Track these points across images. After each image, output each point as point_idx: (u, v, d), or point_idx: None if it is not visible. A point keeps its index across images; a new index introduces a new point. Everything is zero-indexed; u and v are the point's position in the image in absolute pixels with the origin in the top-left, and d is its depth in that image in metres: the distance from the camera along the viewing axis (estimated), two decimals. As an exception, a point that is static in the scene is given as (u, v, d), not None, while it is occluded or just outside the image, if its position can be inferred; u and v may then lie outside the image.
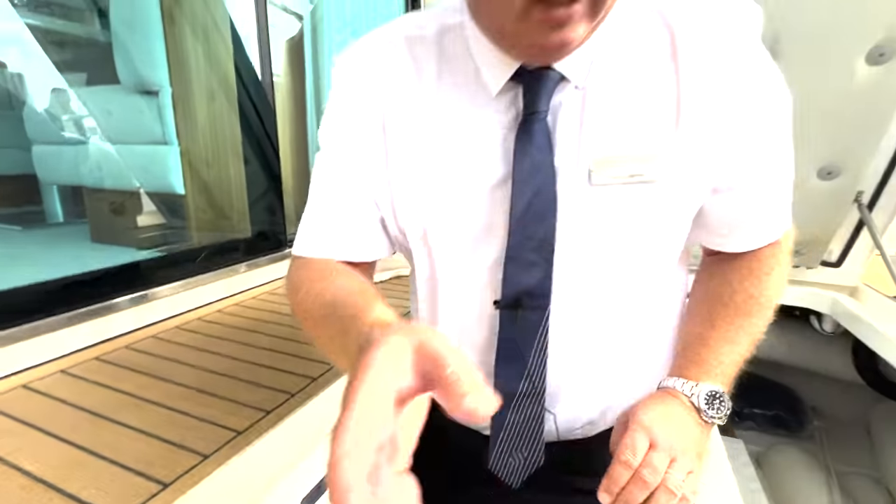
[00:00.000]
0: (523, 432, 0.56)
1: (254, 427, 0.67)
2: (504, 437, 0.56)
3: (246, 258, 1.30)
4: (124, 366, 0.83)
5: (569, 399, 0.55)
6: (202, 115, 1.32)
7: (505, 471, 0.56)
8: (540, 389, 0.54)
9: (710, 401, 0.50)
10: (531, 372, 0.54)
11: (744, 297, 0.55)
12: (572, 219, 0.48)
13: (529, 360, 0.53)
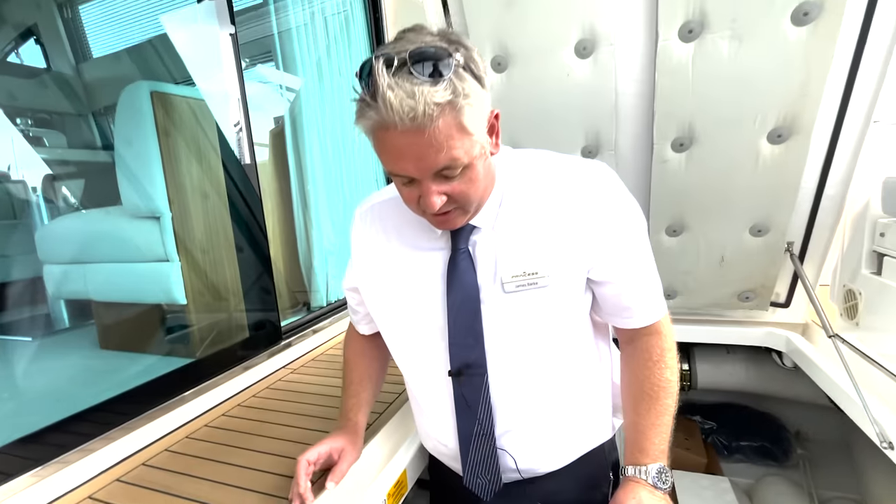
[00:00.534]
0: (483, 462, 0.82)
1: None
2: (469, 466, 0.82)
3: (246, 356, 1.42)
4: (144, 486, 0.93)
5: (518, 438, 0.82)
6: (199, 230, 1.47)
7: (477, 489, 0.84)
8: (489, 432, 0.80)
9: (659, 475, 0.78)
10: (481, 420, 0.80)
11: (652, 386, 0.78)
12: (495, 314, 0.76)
13: (478, 411, 0.80)
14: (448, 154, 0.61)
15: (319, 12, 2.04)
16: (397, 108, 0.56)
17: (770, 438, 2.11)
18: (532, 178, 0.76)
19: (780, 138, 1.27)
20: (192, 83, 1.77)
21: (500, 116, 0.70)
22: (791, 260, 1.50)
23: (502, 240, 0.75)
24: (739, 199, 1.42)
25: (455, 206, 0.69)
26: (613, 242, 0.75)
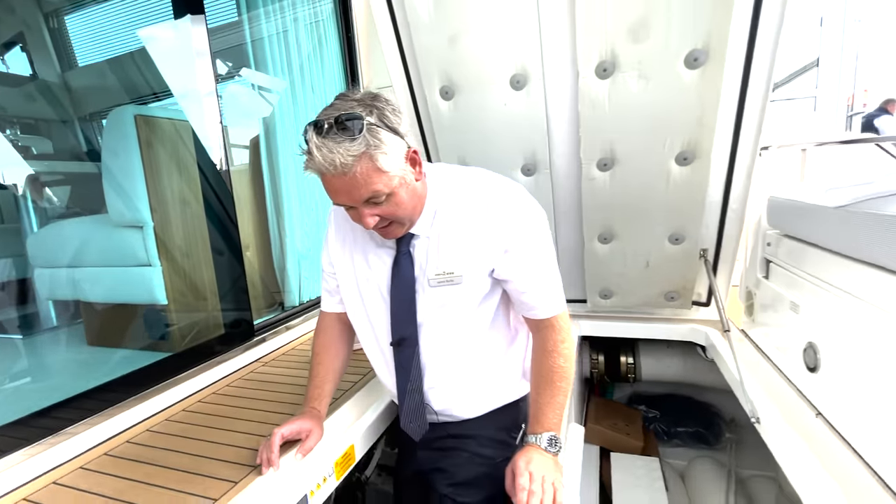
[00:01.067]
0: (414, 411, 1.08)
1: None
2: (404, 414, 1.09)
3: (221, 351, 1.59)
4: (129, 458, 1.10)
5: (441, 394, 1.08)
6: (178, 237, 1.64)
7: (410, 432, 1.11)
8: (419, 388, 1.06)
9: (550, 442, 0.99)
10: (412, 378, 1.05)
11: (547, 371, 0.97)
12: (424, 302, 1.01)
13: (410, 373, 1.05)
14: (369, 189, 0.82)
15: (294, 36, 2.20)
16: (321, 162, 0.77)
17: (704, 424, 2.34)
18: (458, 195, 0.98)
19: (686, 161, 1.48)
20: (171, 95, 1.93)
21: (418, 153, 0.90)
22: (704, 264, 1.72)
23: (432, 245, 0.99)
24: (657, 212, 1.63)
25: (388, 222, 0.91)
26: (512, 249, 0.96)
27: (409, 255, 1.00)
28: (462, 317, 1.02)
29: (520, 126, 1.55)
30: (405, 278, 1.00)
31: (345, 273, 1.10)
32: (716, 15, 1.23)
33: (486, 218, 0.95)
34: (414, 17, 1.44)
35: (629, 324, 2.04)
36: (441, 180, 0.99)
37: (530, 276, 0.98)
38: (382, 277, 1.03)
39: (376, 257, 1.03)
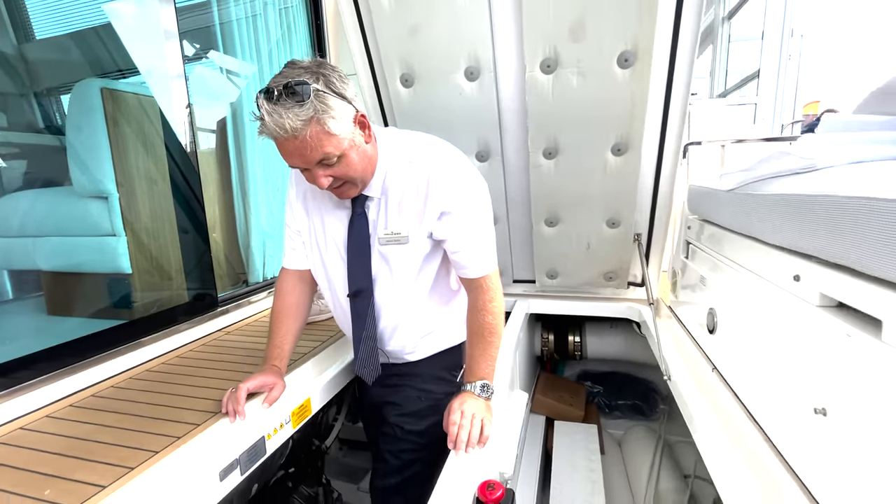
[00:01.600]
0: (368, 357, 1.22)
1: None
2: (359, 358, 1.22)
3: (185, 319, 1.66)
4: (94, 408, 1.17)
5: (390, 340, 1.22)
6: (143, 208, 1.69)
7: (363, 375, 1.24)
8: (373, 335, 1.19)
9: (482, 389, 1.13)
10: (367, 326, 1.18)
11: (479, 327, 1.10)
12: (377, 258, 1.12)
13: (366, 320, 1.18)
14: (320, 151, 0.92)
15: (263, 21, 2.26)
16: (273, 127, 0.86)
17: (641, 398, 2.56)
18: (405, 159, 1.09)
19: (620, 151, 1.65)
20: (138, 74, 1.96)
21: (367, 116, 1.01)
22: (638, 248, 1.90)
23: (383, 206, 1.10)
24: (596, 198, 1.79)
25: (341, 182, 1.01)
26: (448, 213, 1.08)
27: (363, 216, 1.11)
28: (409, 273, 1.14)
29: (474, 114, 1.69)
30: (361, 236, 1.11)
31: (305, 232, 1.21)
32: (642, 21, 1.39)
33: (426, 183, 1.06)
34: (377, 6, 1.55)
35: (574, 302, 2.22)
36: (391, 144, 1.09)
37: (462, 238, 1.10)
38: (339, 236, 1.14)
39: (334, 218, 1.14)
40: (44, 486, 0.87)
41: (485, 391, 1.12)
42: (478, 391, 1.11)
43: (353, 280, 1.15)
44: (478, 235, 1.12)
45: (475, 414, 1.05)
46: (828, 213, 0.75)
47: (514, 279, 2.28)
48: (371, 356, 1.21)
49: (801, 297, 0.85)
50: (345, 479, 2.33)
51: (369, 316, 1.17)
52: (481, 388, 1.12)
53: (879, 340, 0.63)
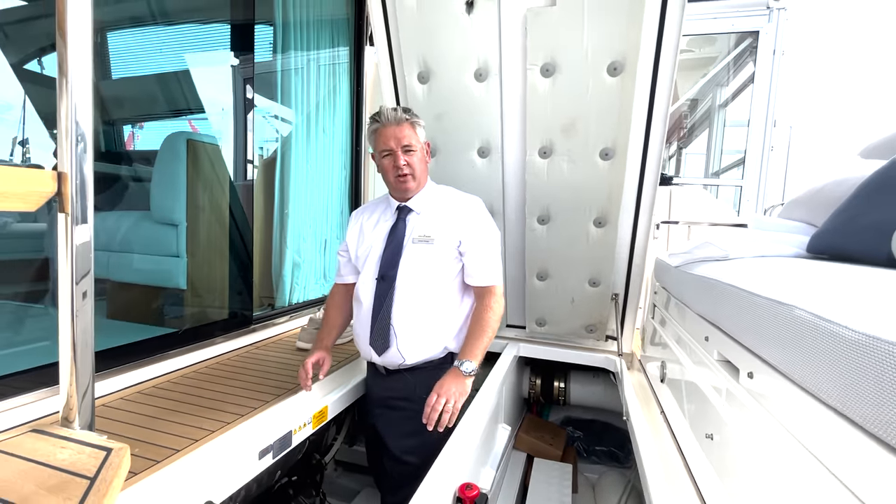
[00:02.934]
0: (380, 332, 1.54)
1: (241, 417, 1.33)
2: (373, 333, 1.55)
3: (225, 331, 1.97)
4: (161, 395, 1.47)
5: (402, 321, 1.52)
6: (203, 236, 2.04)
7: (375, 348, 1.55)
8: (388, 313, 1.53)
9: (467, 366, 1.45)
10: (385, 305, 1.53)
11: (480, 319, 1.50)
12: (407, 252, 1.51)
13: (384, 299, 1.53)
14: (408, 139, 1.43)
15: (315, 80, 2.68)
16: (390, 114, 1.40)
17: (618, 445, 2.76)
18: (443, 193, 1.58)
19: (600, 224, 1.99)
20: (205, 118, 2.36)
21: (430, 145, 1.55)
22: (615, 306, 2.21)
23: (420, 219, 1.55)
24: (580, 260, 2.12)
25: (409, 171, 1.48)
26: (471, 233, 1.51)
27: (403, 222, 1.56)
28: (428, 270, 1.52)
29: (483, 183, 2.05)
30: (397, 235, 1.55)
31: (357, 241, 1.65)
32: (619, 126, 1.77)
33: (456, 208, 1.56)
34: (413, 97, 1.95)
35: (559, 349, 2.49)
36: (436, 185, 1.64)
37: (480, 253, 1.52)
38: (382, 235, 1.58)
39: (382, 225, 1.60)
40: (132, 447, 1.16)
41: (468, 369, 1.43)
42: (463, 368, 1.43)
43: (384, 265, 1.53)
44: (490, 252, 1.53)
45: (449, 396, 1.35)
46: (722, 295, 1.06)
47: (508, 323, 2.57)
48: (383, 332, 1.53)
49: (708, 353, 1.15)
50: (338, 498, 2.53)
51: (388, 297, 1.51)
52: (466, 365, 1.44)
53: (737, 383, 0.93)
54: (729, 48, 5.33)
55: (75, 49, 0.60)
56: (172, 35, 3.11)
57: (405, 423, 1.54)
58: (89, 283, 0.71)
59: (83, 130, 0.64)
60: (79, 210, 0.66)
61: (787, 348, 0.71)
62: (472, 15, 1.77)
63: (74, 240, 0.68)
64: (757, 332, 0.83)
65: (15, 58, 2.70)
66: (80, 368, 0.71)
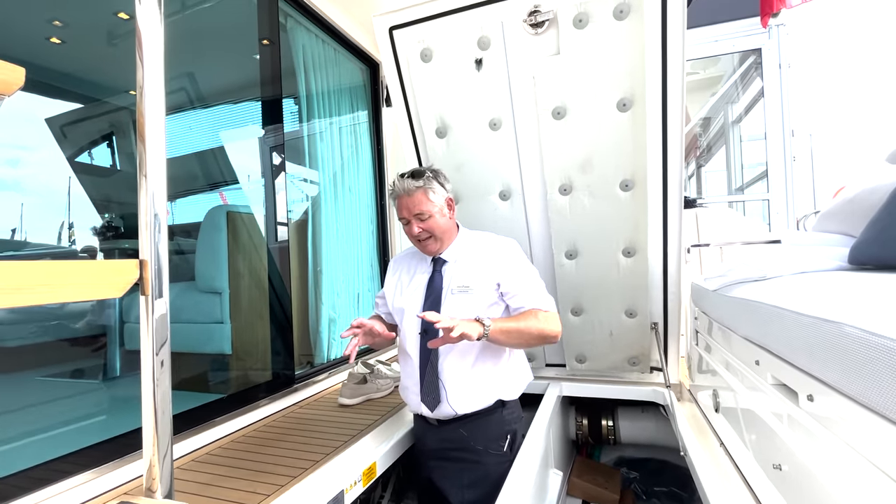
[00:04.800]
0: (430, 387, 1.54)
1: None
2: (424, 388, 1.55)
3: (269, 393, 2.01)
4: (215, 462, 1.50)
5: (454, 385, 1.53)
6: (245, 301, 2.13)
7: (427, 403, 1.55)
8: (435, 366, 1.54)
9: (485, 322, 1.41)
10: (431, 360, 1.54)
11: (525, 317, 1.48)
12: (447, 303, 1.51)
13: (430, 354, 1.54)
14: (419, 207, 1.47)
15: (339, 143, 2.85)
16: (400, 186, 1.45)
17: (680, 485, 2.60)
18: (476, 239, 1.60)
19: (630, 254, 1.99)
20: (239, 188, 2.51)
21: (454, 201, 1.59)
22: (655, 336, 2.15)
23: (456, 269, 1.56)
24: (613, 292, 2.10)
25: (428, 235, 1.52)
26: (509, 272, 1.53)
27: (440, 273, 1.59)
28: (471, 316, 1.47)
29: (506, 225, 2.10)
30: (436, 287, 1.57)
31: (394, 292, 1.69)
32: (636, 156, 1.81)
33: (493, 253, 1.58)
34: (433, 153, 2.06)
35: (603, 385, 2.42)
36: (468, 232, 1.68)
37: (520, 286, 1.53)
38: (421, 287, 1.61)
39: (420, 276, 1.64)
40: (192, 515, 1.18)
41: (487, 323, 1.41)
42: (483, 320, 1.41)
43: (427, 323, 1.47)
44: (532, 284, 1.54)
45: (457, 324, 1.32)
46: (767, 317, 1.05)
47: (547, 363, 2.53)
48: (433, 387, 1.53)
49: (761, 377, 1.11)
50: (388, 558, 2.44)
51: (434, 351, 1.53)
52: (488, 322, 1.42)
53: (798, 407, 0.90)
54: (734, 66, 5.41)
55: (153, 151, 0.69)
56: (208, 116, 3.39)
57: (464, 474, 1.52)
58: (167, 353, 0.78)
59: (160, 222, 0.72)
60: (157, 288, 0.74)
61: (842, 367, 0.69)
62: (481, 72, 1.89)
63: (154, 314, 0.75)
64: (809, 353, 0.82)
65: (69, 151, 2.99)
66: (160, 434, 0.76)
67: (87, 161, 3.25)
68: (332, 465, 1.47)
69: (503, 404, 1.59)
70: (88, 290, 0.64)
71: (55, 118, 2.78)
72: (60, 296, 0.60)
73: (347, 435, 1.71)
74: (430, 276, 1.59)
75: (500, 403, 1.58)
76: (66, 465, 1.29)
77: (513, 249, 1.61)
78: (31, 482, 1.20)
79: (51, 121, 2.75)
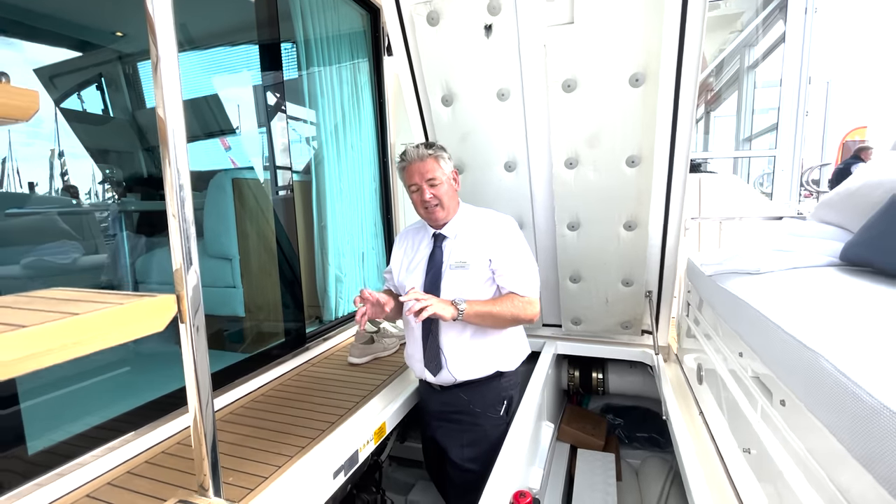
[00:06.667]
0: (432, 355, 1.67)
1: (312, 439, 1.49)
2: (426, 356, 1.68)
3: (282, 353, 2.14)
4: (237, 422, 1.64)
5: (450, 344, 1.65)
6: (255, 266, 2.20)
7: (430, 369, 1.68)
8: (436, 336, 1.66)
9: (458, 303, 1.51)
10: (433, 330, 1.66)
11: (502, 301, 1.57)
12: (446, 278, 1.60)
13: (432, 326, 1.65)
14: (432, 172, 1.53)
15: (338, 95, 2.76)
16: (413, 152, 1.51)
17: (658, 431, 2.84)
18: (475, 215, 1.65)
19: (630, 227, 2.03)
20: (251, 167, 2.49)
21: (457, 174, 1.65)
22: (648, 303, 2.25)
23: (456, 244, 1.64)
24: (612, 263, 2.16)
25: (437, 202, 1.57)
26: (500, 250, 1.59)
27: (441, 249, 1.66)
28: (468, 293, 1.58)
29: (511, 195, 2.12)
30: (436, 262, 1.64)
31: (399, 266, 1.77)
32: (644, 133, 1.79)
33: (487, 228, 1.63)
34: (439, 122, 2.02)
35: (595, 346, 2.57)
36: (467, 207, 1.72)
37: (508, 265, 1.60)
38: (423, 262, 1.68)
39: (423, 251, 1.70)
40: (225, 475, 1.33)
41: (460, 306, 1.50)
42: (457, 302, 1.51)
43: (427, 290, 1.60)
44: (520, 265, 1.60)
45: (430, 303, 1.42)
46: (753, 321, 1.12)
47: (544, 323, 2.66)
48: (434, 355, 1.65)
49: (743, 369, 1.21)
50: (393, 491, 2.73)
51: (435, 323, 1.63)
52: (458, 302, 1.51)
53: (771, 406, 1.00)
54: (757, 8, 5.07)
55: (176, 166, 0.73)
56: (204, 59, 3.25)
57: (463, 435, 1.68)
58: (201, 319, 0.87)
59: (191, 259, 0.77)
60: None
61: (813, 393, 0.78)
62: (490, 38, 1.81)
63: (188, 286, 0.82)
64: (786, 368, 0.90)
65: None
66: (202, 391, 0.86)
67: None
68: (347, 425, 1.62)
69: (501, 374, 1.71)
70: (132, 330, 0.70)
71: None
72: (108, 342, 0.66)
73: (358, 396, 1.86)
74: (431, 251, 1.66)
75: (498, 374, 1.70)
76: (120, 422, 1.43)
77: (509, 228, 1.64)
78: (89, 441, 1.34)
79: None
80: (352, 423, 1.65)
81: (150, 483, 1.32)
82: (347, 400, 1.82)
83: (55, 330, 0.61)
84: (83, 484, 1.31)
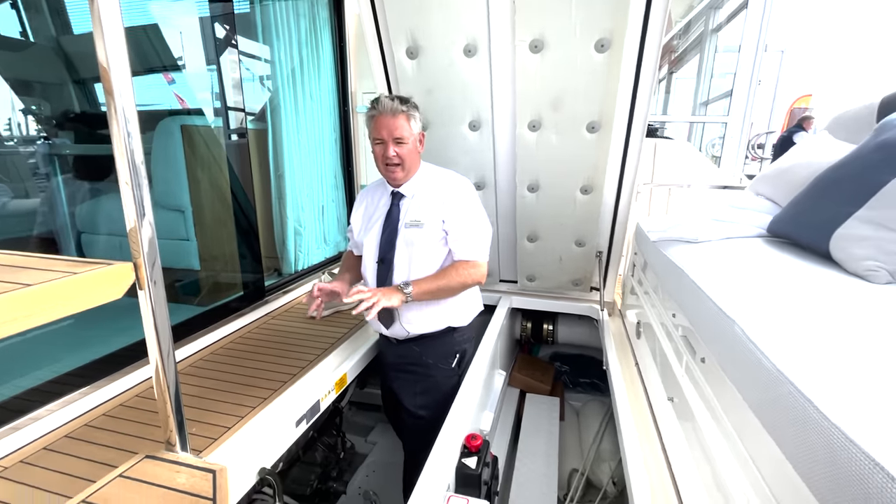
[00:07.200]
0: (386, 313, 1.71)
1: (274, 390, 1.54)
2: (380, 315, 1.66)
3: (240, 307, 2.13)
4: (198, 374, 1.66)
5: (406, 309, 1.68)
6: (209, 218, 2.13)
7: (382, 320, 1.72)
8: None
9: (405, 286, 1.58)
10: (387, 285, 1.66)
11: (449, 271, 1.64)
12: (401, 236, 1.64)
13: (385, 281, 1.70)
14: (400, 131, 1.51)
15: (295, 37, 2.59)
16: (386, 103, 1.47)
17: (600, 377, 3.11)
18: (434, 176, 1.67)
19: (586, 192, 2.11)
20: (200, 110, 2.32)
21: (424, 136, 1.63)
22: (598, 262, 2.40)
23: (412, 203, 1.66)
24: (567, 224, 2.26)
25: (398, 162, 1.57)
26: (453, 211, 1.62)
27: (398, 207, 1.68)
28: (420, 250, 1.64)
29: (475, 156, 2.13)
30: (392, 220, 1.67)
31: (359, 223, 1.80)
32: (606, 99, 1.83)
33: (443, 189, 1.65)
34: (402, 72, 1.95)
35: (548, 300, 2.72)
36: (427, 167, 1.72)
37: (459, 227, 1.63)
38: (380, 220, 1.70)
39: (381, 209, 1.72)
40: (189, 426, 1.36)
41: (406, 290, 1.56)
42: (404, 287, 1.56)
43: (382, 249, 1.67)
44: (471, 228, 1.64)
45: (377, 297, 1.47)
46: (686, 287, 1.24)
47: (501, 279, 2.77)
48: (388, 309, 1.60)
49: (674, 328, 1.35)
50: (353, 433, 2.88)
51: (388, 278, 1.68)
52: (404, 285, 1.57)
53: (693, 362, 1.13)
54: (725, -33, 5.06)
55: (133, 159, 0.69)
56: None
57: (416, 384, 1.78)
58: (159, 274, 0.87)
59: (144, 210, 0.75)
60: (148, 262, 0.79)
61: (727, 354, 0.89)
62: (459, -11, 1.74)
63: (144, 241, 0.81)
64: (708, 330, 1.02)
65: None
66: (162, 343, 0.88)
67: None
68: (309, 377, 1.68)
69: (454, 329, 1.80)
70: (87, 300, 0.69)
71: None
72: (61, 313, 0.65)
73: (320, 348, 1.91)
74: (389, 209, 1.68)
75: (450, 329, 1.79)
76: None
77: (464, 190, 1.66)
78: (42, 395, 1.32)
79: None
80: (313, 375, 1.71)
81: (109, 434, 1.34)
82: (309, 352, 1.87)
83: (4, 303, 0.60)
84: (39, 437, 1.31)
